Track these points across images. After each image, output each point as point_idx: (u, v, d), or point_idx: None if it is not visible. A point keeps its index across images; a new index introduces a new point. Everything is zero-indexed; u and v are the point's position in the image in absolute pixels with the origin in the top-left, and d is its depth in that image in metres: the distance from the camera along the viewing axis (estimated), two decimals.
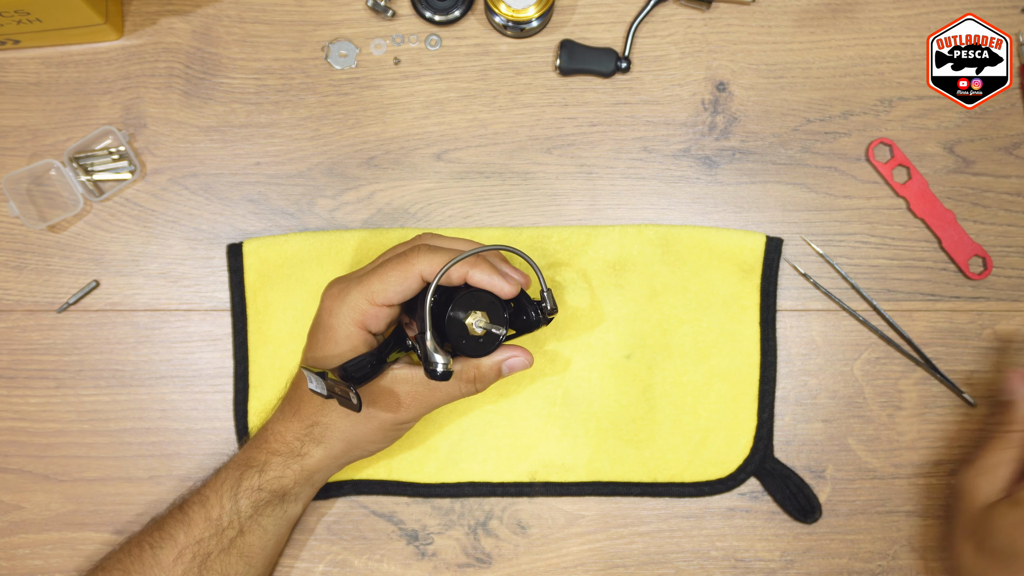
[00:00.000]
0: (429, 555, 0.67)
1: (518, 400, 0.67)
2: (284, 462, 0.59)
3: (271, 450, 0.59)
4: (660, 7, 0.69)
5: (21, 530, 0.67)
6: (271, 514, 0.60)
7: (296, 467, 0.59)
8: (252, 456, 0.59)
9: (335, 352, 0.56)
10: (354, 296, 0.55)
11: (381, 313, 0.56)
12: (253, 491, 0.58)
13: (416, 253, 0.55)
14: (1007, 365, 0.67)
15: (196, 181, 0.68)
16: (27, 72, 0.68)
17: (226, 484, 0.59)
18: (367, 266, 0.60)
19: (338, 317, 0.56)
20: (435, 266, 0.54)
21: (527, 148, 0.68)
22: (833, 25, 0.68)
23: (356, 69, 0.69)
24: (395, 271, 0.55)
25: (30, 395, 0.68)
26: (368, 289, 0.55)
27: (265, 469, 0.59)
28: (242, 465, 0.59)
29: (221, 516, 0.58)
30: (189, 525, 0.58)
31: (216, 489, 0.59)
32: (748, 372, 0.66)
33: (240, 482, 0.59)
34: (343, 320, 0.56)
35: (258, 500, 0.59)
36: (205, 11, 0.69)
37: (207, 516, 0.58)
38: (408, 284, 0.55)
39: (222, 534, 0.58)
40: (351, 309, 0.56)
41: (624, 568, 0.67)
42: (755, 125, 0.68)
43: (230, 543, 0.58)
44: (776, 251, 0.67)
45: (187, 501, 0.60)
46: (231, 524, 0.58)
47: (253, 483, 0.58)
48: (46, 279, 0.68)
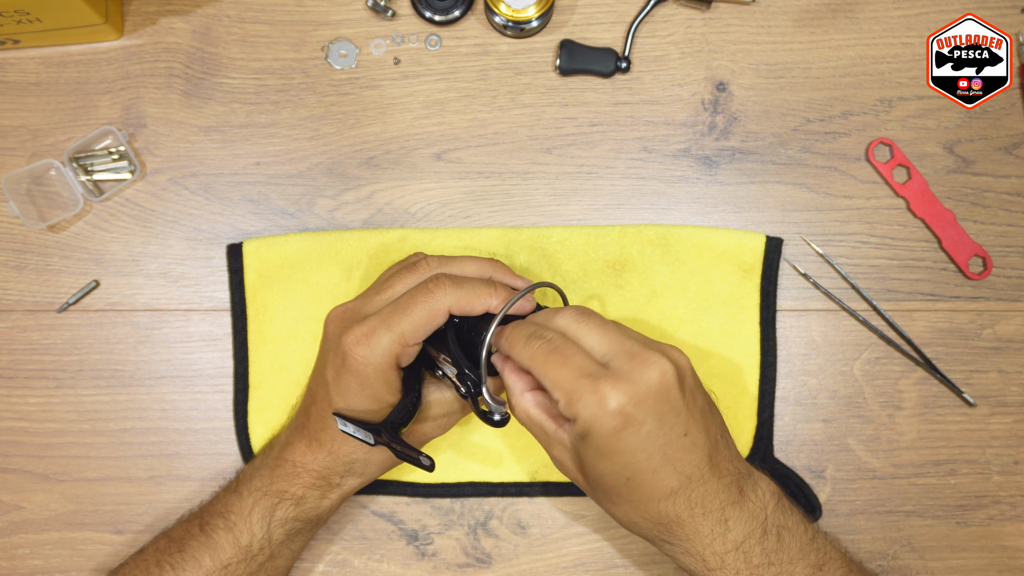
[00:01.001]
0: (429, 555, 0.67)
1: None
2: (322, 494, 0.59)
3: (307, 484, 0.59)
4: (660, 7, 0.69)
5: (21, 530, 0.67)
6: (302, 539, 0.61)
7: (334, 496, 0.60)
8: (285, 489, 0.59)
9: (379, 400, 0.55)
10: (385, 340, 0.54)
11: (412, 352, 0.55)
12: (288, 521, 0.59)
13: (440, 289, 0.54)
14: (1007, 365, 0.67)
15: (196, 181, 0.68)
16: (27, 72, 0.68)
17: (255, 512, 0.58)
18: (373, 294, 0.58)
19: (374, 365, 0.54)
20: (461, 302, 0.54)
21: (527, 148, 0.68)
22: (833, 25, 0.68)
23: (356, 69, 0.69)
24: (422, 309, 0.54)
25: (30, 395, 0.68)
26: (399, 332, 0.54)
27: (302, 503, 0.59)
28: (274, 496, 0.59)
29: (252, 543, 0.58)
30: (215, 549, 0.57)
31: (244, 517, 0.58)
32: (748, 372, 0.66)
33: (273, 512, 0.58)
34: (380, 367, 0.54)
35: (292, 529, 0.59)
36: (205, 11, 0.69)
37: (235, 543, 0.58)
38: (436, 321, 0.54)
39: (251, 560, 0.58)
40: (385, 355, 0.54)
41: (624, 568, 0.67)
42: (755, 125, 0.68)
43: (259, 568, 0.59)
44: (776, 251, 0.67)
45: (209, 524, 0.59)
46: (262, 551, 0.58)
47: (288, 515, 0.59)
48: (46, 279, 0.68)
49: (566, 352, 0.50)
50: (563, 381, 0.49)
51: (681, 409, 0.50)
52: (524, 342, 0.51)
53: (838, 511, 0.67)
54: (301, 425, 0.60)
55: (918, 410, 0.67)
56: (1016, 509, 0.67)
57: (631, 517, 0.53)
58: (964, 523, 0.67)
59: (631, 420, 0.48)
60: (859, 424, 0.67)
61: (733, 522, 0.52)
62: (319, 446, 0.58)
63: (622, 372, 0.49)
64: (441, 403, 0.59)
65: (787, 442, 0.67)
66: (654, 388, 0.49)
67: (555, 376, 0.50)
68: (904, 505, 0.67)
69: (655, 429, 0.49)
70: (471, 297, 0.54)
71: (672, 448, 0.50)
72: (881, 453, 0.67)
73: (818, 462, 0.67)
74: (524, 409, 0.53)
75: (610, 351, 0.51)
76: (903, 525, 0.67)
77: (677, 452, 0.50)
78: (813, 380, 0.67)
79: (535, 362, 0.50)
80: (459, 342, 0.55)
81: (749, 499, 0.52)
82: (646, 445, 0.49)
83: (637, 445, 0.49)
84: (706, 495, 0.51)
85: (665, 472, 0.50)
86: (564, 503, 0.67)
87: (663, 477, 0.50)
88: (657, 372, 0.49)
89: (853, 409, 0.67)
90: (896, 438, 0.67)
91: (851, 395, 0.67)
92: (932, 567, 0.67)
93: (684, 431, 0.50)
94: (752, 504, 0.52)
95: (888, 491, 0.67)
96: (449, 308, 0.54)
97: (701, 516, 0.51)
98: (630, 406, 0.48)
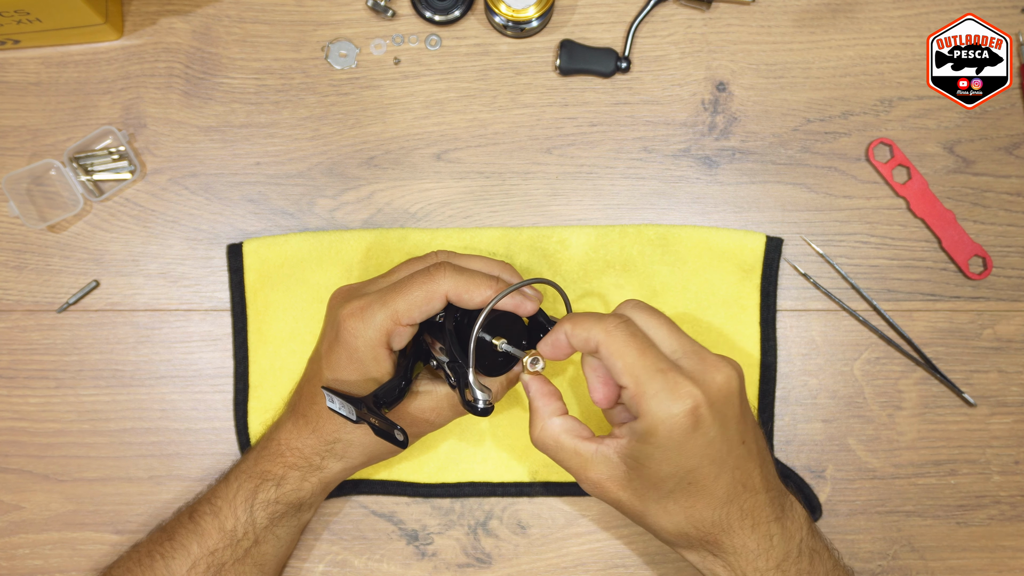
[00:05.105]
0: (429, 555, 0.67)
1: (518, 400, 0.67)
2: (303, 476, 0.59)
3: (288, 464, 0.59)
4: (660, 7, 0.69)
5: (21, 530, 0.67)
6: (286, 524, 0.60)
7: (315, 479, 0.59)
8: (267, 469, 0.59)
9: (366, 375, 0.55)
10: (379, 316, 0.54)
11: (405, 332, 0.55)
12: (270, 504, 0.58)
13: (440, 272, 0.54)
14: (1007, 365, 0.67)
15: (196, 181, 0.68)
16: (27, 72, 0.68)
17: (239, 495, 0.58)
18: (380, 278, 0.59)
19: (364, 339, 0.54)
20: (460, 288, 0.53)
21: (527, 148, 0.68)
22: (833, 25, 0.68)
23: (356, 69, 0.69)
24: (420, 290, 0.54)
25: (30, 395, 0.68)
26: (393, 308, 0.54)
27: (282, 483, 0.58)
28: (256, 477, 0.59)
29: (236, 528, 0.58)
30: (202, 536, 0.58)
31: (229, 500, 0.58)
32: (748, 372, 0.66)
33: (256, 494, 0.58)
34: (370, 342, 0.54)
35: (274, 512, 0.59)
36: (205, 11, 0.69)
37: (221, 527, 0.58)
38: (433, 304, 0.54)
39: (237, 545, 0.58)
40: (377, 330, 0.54)
41: (624, 568, 0.67)
42: (755, 125, 0.68)
43: (245, 553, 0.58)
44: (776, 251, 0.67)
45: (197, 511, 0.59)
46: (246, 535, 0.58)
47: (270, 496, 0.58)
48: (46, 279, 0.68)
49: (645, 340, 0.49)
50: (638, 370, 0.48)
51: (740, 417, 0.50)
52: (599, 321, 0.50)
53: (838, 511, 0.67)
54: (293, 404, 0.61)
55: (918, 410, 0.67)
56: (1016, 509, 0.67)
57: (681, 526, 0.51)
58: (964, 523, 0.67)
59: (701, 422, 0.48)
60: (859, 424, 0.67)
61: (776, 539, 0.51)
62: (305, 423, 0.58)
63: (696, 372, 0.49)
64: (432, 396, 0.58)
65: (787, 442, 0.67)
66: (723, 392, 0.49)
67: (631, 363, 0.48)
68: (904, 505, 0.67)
69: (720, 435, 0.49)
70: (470, 286, 0.53)
71: (732, 455, 0.50)
72: (881, 453, 0.67)
73: (818, 462, 0.67)
74: (553, 436, 0.52)
75: (680, 349, 0.50)
76: (903, 525, 0.67)
77: (736, 460, 0.50)
78: (813, 380, 0.67)
79: (612, 342, 0.48)
80: (457, 336, 0.54)
81: (788, 518, 0.53)
82: (710, 450, 0.49)
83: (703, 449, 0.49)
84: (756, 507, 0.51)
85: (725, 479, 0.50)
86: (564, 503, 0.67)
87: (722, 484, 0.50)
88: (724, 377, 0.49)
89: (853, 409, 0.67)
90: (896, 438, 0.67)
91: (851, 395, 0.67)
92: (932, 567, 0.67)
93: (742, 439, 0.50)
94: (790, 524, 0.52)
95: (888, 491, 0.67)
96: (447, 293, 0.54)
97: (750, 528, 0.51)
98: (703, 407, 0.48)
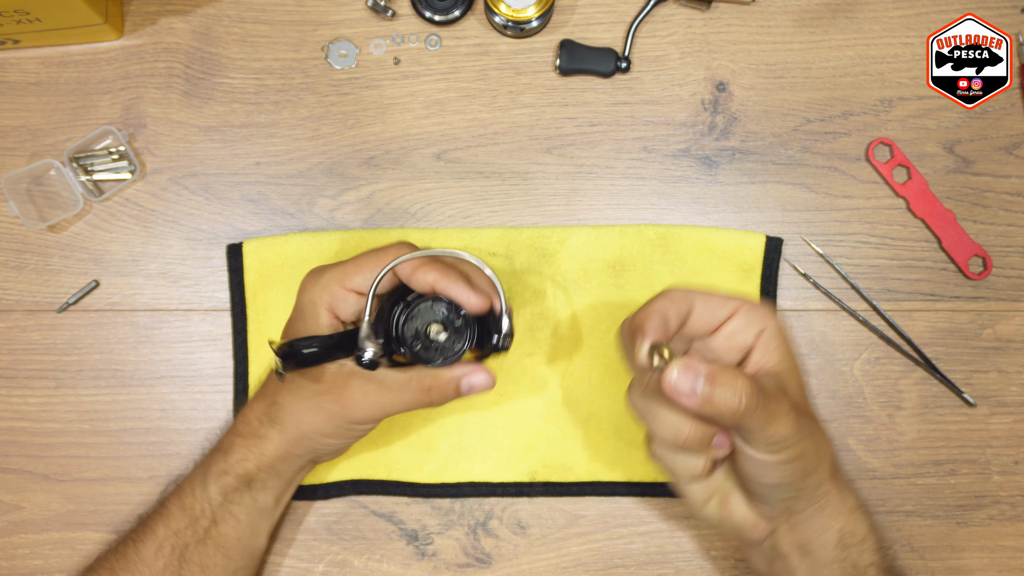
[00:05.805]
0: (429, 555, 0.67)
1: (518, 400, 0.67)
2: (245, 443, 0.59)
3: (235, 431, 0.60)
4: (660, 7, 0.69)
5: (21, 530, 0.67)
6: (240, 502, 0.59)
7: (256, 451, 0.59)
8: (221, 441, 0.61)
9: (302, 330, 0.58)
10: (327, 278, 0.57)
11: (350, 298, 0.57)
12: (220, 475, 0.59)
13: (395, 248, 0.57)
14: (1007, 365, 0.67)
15: (196, 181, 0.68)
16: (27, 72, 0.68)
17: (198, 471, 0.60)
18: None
19: (309, 296, 0.58)
20: (408, 262, 0.55)
21: (527, 148, 0.68)
22: (833, 25, 0.68)
23: (356, 69, 0.69)
24: (371, 261, 0.57)
25: (30, 395, 0.68)
26: (341, 272, 0.57)
27: (229, 452, 0.59)
28: (211, 452, 0.60)
29: (194, 504, 0.59)
30: (167, 517, 0.59)
31: (190, 478, 0.60)
32: None
33: (209, 467, 0.59)
34: (313, 299, 0.57)
35: (225, 485, 0.59)
36: (205, 11, 0.69)
37: (182, 505, 0.59)
38: (377, 273, 0.55)
39: (196, 523, 0.58)
40: (322, 290, 0.57)
41: (624, 568, 0.67)
42: (755, 125, 0.68)
43: (205, 533, 0.59)
44: (776, 251, 0.67)
45: (165, 492, 0.61)
46: (203, 513, 0.59)
47: (220, 467, 0.59)
48: (46, 279, 0.68)
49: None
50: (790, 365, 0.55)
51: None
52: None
53: None
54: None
55: (918, 410, 0.67)
56: (1016, 509, 0.67)
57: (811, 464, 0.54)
58: (964, 523, 0.67)
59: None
60: (859, 424, 0.67)
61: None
62: (260, 395, 0.60)
63: None
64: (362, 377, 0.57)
65: None
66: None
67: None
68: (904, 505, 0.67)
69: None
70: (419, 263, 0.55)
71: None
72: (881, 453, 0.67)
73: None
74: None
75: None
76: (903, 525, 0.67)
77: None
78: (813, 380, 0.67)
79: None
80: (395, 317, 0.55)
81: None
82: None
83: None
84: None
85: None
86: (564, 503, 0.67)
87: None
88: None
89: (853, 409, 0.67)
90: (896, 438, 0.67)
91: (851, 395, 0.67)
92: (932, 567, 0.67)
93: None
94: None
95: (888, 491, 0.67)
96: (395, 262, 0.55)
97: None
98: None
